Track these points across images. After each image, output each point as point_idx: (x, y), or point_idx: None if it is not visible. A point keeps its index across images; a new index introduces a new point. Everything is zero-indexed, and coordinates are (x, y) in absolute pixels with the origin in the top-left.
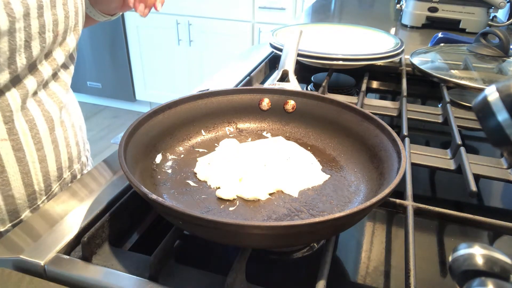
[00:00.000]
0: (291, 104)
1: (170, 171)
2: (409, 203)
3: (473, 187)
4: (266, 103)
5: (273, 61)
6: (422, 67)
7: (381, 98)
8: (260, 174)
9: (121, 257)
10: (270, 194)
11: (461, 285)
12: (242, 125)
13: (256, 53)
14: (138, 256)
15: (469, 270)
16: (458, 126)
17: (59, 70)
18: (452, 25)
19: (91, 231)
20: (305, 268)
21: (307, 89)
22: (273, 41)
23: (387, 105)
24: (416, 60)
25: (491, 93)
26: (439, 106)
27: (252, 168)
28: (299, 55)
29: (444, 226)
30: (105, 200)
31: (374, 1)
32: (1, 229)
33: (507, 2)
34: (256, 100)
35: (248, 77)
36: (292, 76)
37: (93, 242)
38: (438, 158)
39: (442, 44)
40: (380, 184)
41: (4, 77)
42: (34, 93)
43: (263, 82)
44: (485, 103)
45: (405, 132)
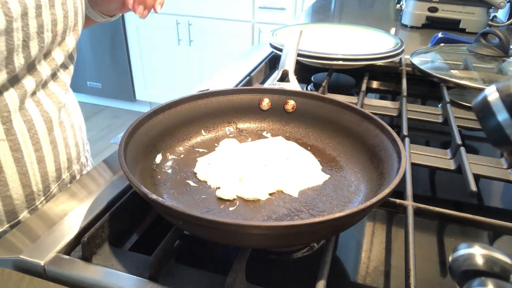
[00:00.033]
0: (291, 104)
1: (170, 171)
2: (409, 203)
3: (473, 187)
4: (266, 103)
5: (273, 61)
6: (422, 67)
7: (381, 98)
8: (260, 174)
9: (121, 257)
10: (270, 194)
11: (461, 285)
12: (242, 125)
13: (256, 53)
14: (138, 256)
15: (469, 270)
16: (458, 126)
17: (58, 70)
18: (452, 25)
19: (91, 231)
20: (305, 268)
21: (307, 89)
22: (273, 41)
23: (387, 105)
24: (416, 60)
25: (491, 93)
26: (439, 106)
27: (252, 168)
28: (299, 55)
29: (444, 226)
30: (105, 200)
31: (374, 1)
32: None
33: (507, 2)
34: (256, 100)
35: (248, 77)
36: (292, 76)
37: (93, 242)
38: (438, 158)
39: (442, 44)
40: (380, 184)
41: (2, 77)
42: (33, 93)
43: (263, 82)
44: (485, 103)
45: (405, 132)
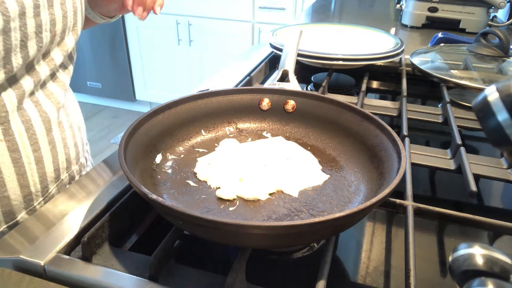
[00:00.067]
0: (291, 104)
1: (170, 171)
2: (409, 203)
3: (473, 187)
4: (266, 103)
5: (273, 61)
6: (422, 67)
7: (381, 98)
8: (260, 174)
9: (121, 257)
10: (270, 194)
11: (461, 285)
12: (242, 125)
13: (256, 53)
14: (138, 256)
15: (469, 270)
16: (458, 126)
17: (57, 70)
18: (452, 25)
19: (91, 231)
20: (305, 268)
21: (307, 89)
22: (273, 41)
23: (387, 105)
24: (416, 60)
25: (491, 93)
26: (439, 106)
27: (252, 168)
28: (299, 55)
29: (444, 226)
30: (105, 200)
31: (374, 1)
32: None
33: (507, 2)
34: (256, 100)
35: (248, 77)
36: (292, 76)
37: (93, 242)
38: (438, 158)
39: (442, 44)
40: (380, 184)
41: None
42: (31, 94)
43: (263, 82)
44: (485, 103)
45: (405, 132)
